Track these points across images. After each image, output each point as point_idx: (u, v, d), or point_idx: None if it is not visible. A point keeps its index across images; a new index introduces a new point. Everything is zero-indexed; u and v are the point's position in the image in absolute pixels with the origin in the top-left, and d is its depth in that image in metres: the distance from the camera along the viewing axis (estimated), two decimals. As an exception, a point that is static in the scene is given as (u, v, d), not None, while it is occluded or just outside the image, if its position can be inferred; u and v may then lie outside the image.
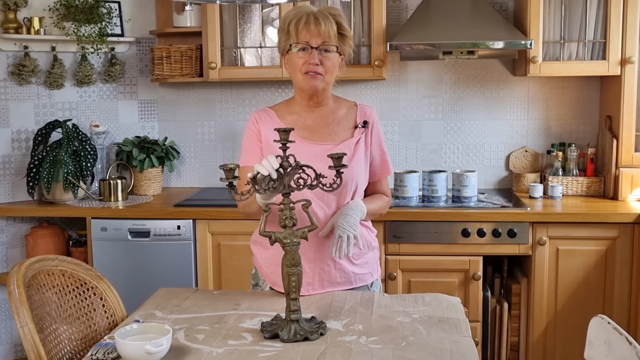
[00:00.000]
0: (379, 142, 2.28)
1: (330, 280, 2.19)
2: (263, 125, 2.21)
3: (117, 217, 3.42)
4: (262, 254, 2.28)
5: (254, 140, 2.23)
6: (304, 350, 1.74)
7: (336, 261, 2.18)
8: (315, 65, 2.10)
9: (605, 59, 3.41)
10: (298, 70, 2.13)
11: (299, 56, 2.12)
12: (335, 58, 2.15)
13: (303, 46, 2.10)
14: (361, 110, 2.28)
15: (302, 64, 2.12)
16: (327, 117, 2.23)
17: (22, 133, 3.68)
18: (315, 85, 2.14)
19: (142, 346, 1.63)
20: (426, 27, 3.48)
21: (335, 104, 2.27)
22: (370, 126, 2.25)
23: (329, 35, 2.10)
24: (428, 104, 3.88)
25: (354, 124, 2.24)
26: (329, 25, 2.10)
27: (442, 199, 3.43)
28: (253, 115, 2.26)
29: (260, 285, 2.32)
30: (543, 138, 3.83)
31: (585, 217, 3.21)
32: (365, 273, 2.26)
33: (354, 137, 2.22)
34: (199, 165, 4.06)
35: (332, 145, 2.17)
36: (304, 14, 2.11)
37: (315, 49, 2.10)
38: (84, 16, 3.61)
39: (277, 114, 2.25)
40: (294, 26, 2.11)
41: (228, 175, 1.84)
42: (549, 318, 3.29)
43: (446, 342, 1.79)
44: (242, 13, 3.63)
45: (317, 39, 2.10)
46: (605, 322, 1.54)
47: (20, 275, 1.91)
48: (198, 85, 3.98)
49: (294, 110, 2.25)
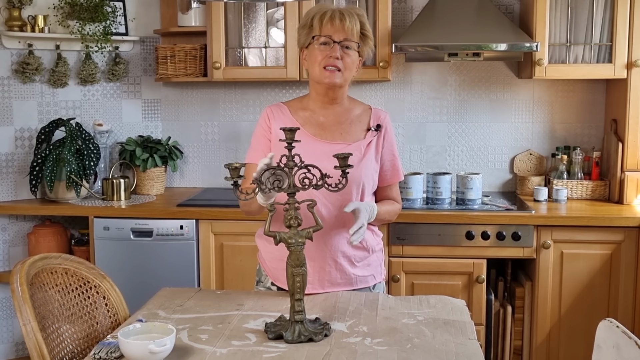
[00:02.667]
0: (390, 147, 2.27)
1: (330, 280, 2.18)
2: (275, 122, 2.20)
3: (119, 217, 3.41)
4: (267, 249, 2.26)
5: (263, 137, 2.22)
6: (308, 352, 1.72)
7: (337, 261, 2.17)
8: (336, 59, 2.09)
9: (612, 62, 3.40)
10: (317, 64, 2.12)
11: (320, 50, 2.11)
12: (355, 56, 2.15)
13: (326, 40, 2.10)
14: (375, 114, 2.27)
15: (322, 57, 2.11)
16: (340, 116, 2.22)
17: (25, 131, 3.68)
18: (334, 80, 2.12)
19: (146, 346, 1.62)
20: (431, 28, 3.47)
21: (350, 104, 2.26)
22: (383, 130, 2.24)
23: (353, 32, 2.10)
24: (433, 105, 3.86)
25: (367, 126, 2.23)
26: (353, 22, 2.10)
27: (446, 202, 3.41)
28: (266, 111, 2.25)
29: (263, 280, 2.31)
30: (548, 141, 3.82)
31: (590, 220, 3.20)
32: (367, 275, 2.25)
33: (366, 138, 2.21)
34: (202, 165, 4.05)
35: (343, 144, 2.16)
36: (329, 10, 2.12)
37: (338, 44, 2.09)
38: (89, 15, 3.60)
39: (290, 109, 2.24)
40: (318, 20, 2.11)
41: (233, 174, 1.83)
42: (552, 322, 3.28)
43: (451, 345, 1.77)
44: (247, 13, 3.62)
45: (341, 34, 2.10)
46: (614, 326, 1.53)
47: (23, 273, 1.90)
48: (202, 85, 3.97)
49: (307, 106, 2.24)
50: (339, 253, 2.18)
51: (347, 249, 2.19)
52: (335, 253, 2.17)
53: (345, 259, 2.19)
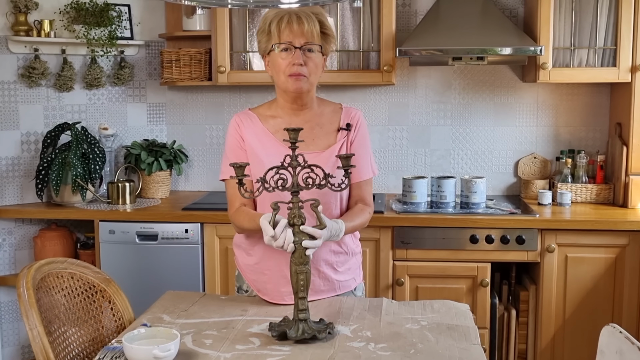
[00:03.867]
0: (359, 144, 2.18)
1: (314, 288, 2.12)
2: (245, 130, 2.16)
3: (125, 220, 3.42)
4: (245, 260, 2.24)
5: (239, 149, 2.16)
6: (312, 355, 1.73)
7: (320, 270, 2.15)
8: (300, 66, 2.04)
9: (616, 66, 3.39)
10: (282, 72, 2.07)
11: (282, 57, 2.05)
12: (318, 58, 2.09)
13: (286, 46, 2.04)
14: (346, 113, 2.21)
15: (285, 65, 2.05)
16: (310, 121, 2.16)
17: (31, 135, 3.69)
18: (300, 87, 2.08)
19: (150, 351, 1.63)
20: (436, 32, 3.47)
21: (320, 107, 2.21)
22: (353, 129, 2.18)
23: (312, 34, 2.04)
24: (437, 109, 3.87)
25: (338, 126, 2.18)
26: (312, 24, 2.03)
27: (450, 205, 3.42)
28: (234, 120, 2.19)
29: (245, 289, 2.28)
30: (552, 145, 3.82)
31: (595, 224, 3.19)
32: (348, 279, 2.24)
33: (337, 142, 2.16)
34: (207, 168, 4.06)
35: (316, 153, 2.12)
36: (286, 14, 2.04)
37: (299, 49, 2.03)
38: (94, 19, 3.62)
39: (259, 117, 2.18)
40: (275, 26, 2.04)
41: (238, 173, 1.84)
42: (557, 326, 3.27)
43: (455, 350, 1.78)
44: (252, 17, 3.63)
45: (300, 38, 2.03)
46: (617, 332, 1.53)
47: (29, 278, 1.91)
48: (207, 88, 3.98)
49: (277, 113, 2.18)
50: (322, 261, 2.16)
51: (329, 257, 2.17)
52: (318, 262, 2.14)
53: (327, 266, 2.18)
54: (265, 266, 2.15)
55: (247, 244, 2.22)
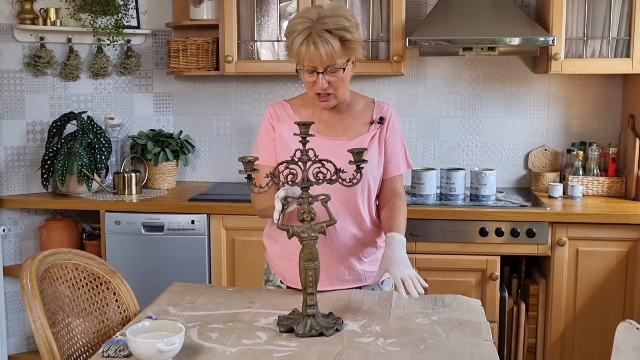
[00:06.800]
0: (394, 139, 2.23)
1: (338, 277, 2.16)
2: (277, 121, 2.20)
3: (131, 211, 3.40)
4: (273, 247, 2.26)
5: (268, 136, 2.21)
6: (319, 351, 1.70)
7: (344, 258, 2.16)
8: (324, 89, 2.08)
9: (629, 57, 3.34)
10: (310, 89, 2.12)
11: (307, 78, 2.09)
12: (342, 73, 2.08)
13: (310, 70, 2.06)
14: (378, 107, 2.24)
15: (311, 85, 2.10)
16: (343, 111, 2.21)
17: (37, 125, 3.67)
18: (329, 106, 2.14)
19: (154, 344, 1.59)
20: (446, 22, 3.42)
21: (353, 99, 2.24)
22: (386, 123, 2.21)
23: (332, 55, 2.01)
24: (447, 100, 3.82)
25: (370, 119, 2.21)
26: (329, 47, 2.00)
27: (459, 197, 3.38)
28: (269, 110, 2.24)
29: (271, 280, 2.30)
30: (563, 137, 3.77)
31: (606, 217, 3.15)
32: (375, 271, 2.22)
33: (369, 132, 2.19)
34: (213, 159, 4.03)
35: (346, 140, 2.15)
36: (305, 37, 2.00)
37: (322, 74, 2.05)
38: (100, 8, 3.58)
39: (292, 107, 2.23)
40: (296, 50, 2.03)
41: (247, 168, 1.82)
42: (567, 320, 3.23)
43: (466, 346, 1.74)
44: (260, 6, 3.59)
45: (322, 63, 2.03)
46: (634, 328, 1.49)
47: (33, 269, 1.89)
48: (214, 78, 3.94)
49: (309, 104, 2.22)
50: (346, 250, 2.16)
51: (353, 245, 2.17)
52: (342, 250, 2.15)
53: (352, 255, 2.18)
54: (290, 252, 2.14)
55: (276, 232, 2.23)
